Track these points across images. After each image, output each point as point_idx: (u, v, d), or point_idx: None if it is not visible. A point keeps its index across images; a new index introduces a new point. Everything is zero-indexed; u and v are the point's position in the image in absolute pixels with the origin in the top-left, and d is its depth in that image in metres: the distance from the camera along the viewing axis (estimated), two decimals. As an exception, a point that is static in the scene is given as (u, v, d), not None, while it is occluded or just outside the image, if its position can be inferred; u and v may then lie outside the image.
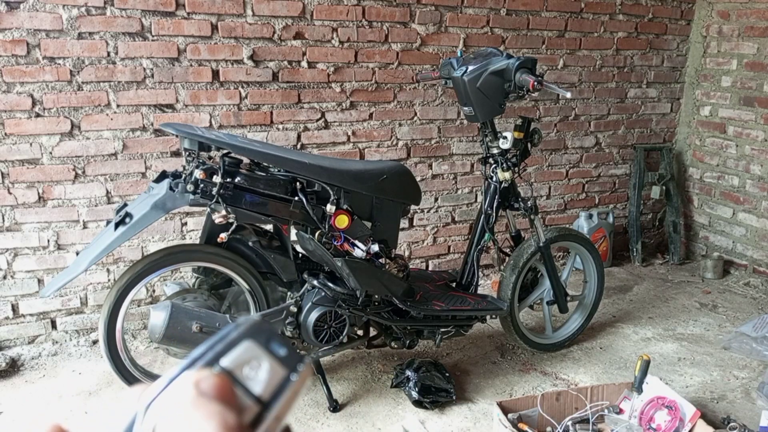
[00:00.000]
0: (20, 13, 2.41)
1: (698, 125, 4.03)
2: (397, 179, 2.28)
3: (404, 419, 2.30)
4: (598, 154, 3.88)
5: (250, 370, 0.26)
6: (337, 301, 2.21)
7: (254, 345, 0.27)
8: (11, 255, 2.61)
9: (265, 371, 0.27)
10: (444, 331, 2.47)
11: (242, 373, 0.26)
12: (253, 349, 0.27)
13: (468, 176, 3.47)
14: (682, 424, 2.13)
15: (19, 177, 2.55)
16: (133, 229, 1.95)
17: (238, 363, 0.26)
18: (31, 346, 2.71)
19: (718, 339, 3.01)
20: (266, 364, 0.27)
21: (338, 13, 2.93)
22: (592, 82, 3.70)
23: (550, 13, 3.44)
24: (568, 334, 2.87)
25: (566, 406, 2.24)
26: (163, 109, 2.72)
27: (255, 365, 0.26)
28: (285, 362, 0.27)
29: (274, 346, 0.27)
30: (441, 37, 3.20)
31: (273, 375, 0.27)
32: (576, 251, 2.88)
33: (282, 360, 0.27)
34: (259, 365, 0.27)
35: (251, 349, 0.27)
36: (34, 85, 2.49)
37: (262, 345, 0.27)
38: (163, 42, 2.65)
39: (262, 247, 2.20)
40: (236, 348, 0.27)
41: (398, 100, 3.18)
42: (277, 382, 0.27)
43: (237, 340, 0.27)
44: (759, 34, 3.61)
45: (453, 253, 3.54)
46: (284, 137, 2.96)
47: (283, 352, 0.27)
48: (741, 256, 3.84)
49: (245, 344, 0.27)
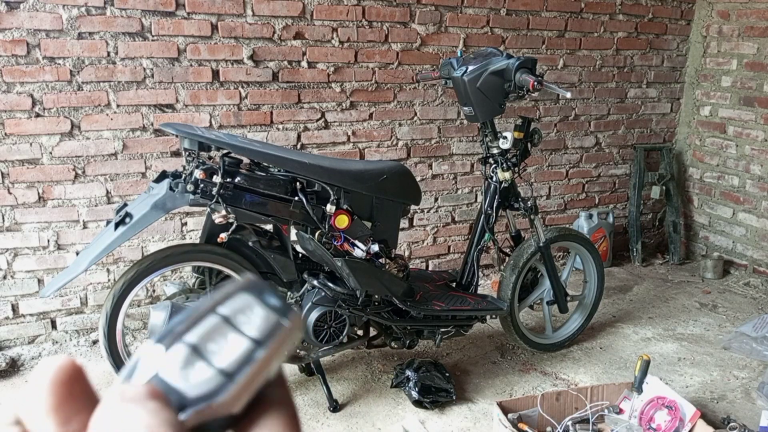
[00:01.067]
0: (20, 13, 2.41)
1: (698, 125, 4.03)
2: (397, 179, 2.28)
3: (404, 419, 2.30)
4: (598, 154, 3.88)
5: (244, 317, 0.29)
6: (337, 301, 2.21)
7: (249, 296, 0.30)
8: (11, 255, 2.61)
9: (258, 317, 0.30)
10: (444, 331, 2.47)
11: (237, 319, 0.29)
12: (247, 300, 0.30)
13: (468, 176, 3.47)
14: (682, 424, 2.13)
15: (19, 177, 2.55)
16: (133, 229, 1.95)
17: (234, 311, 0.29)
18: (31, 346, 2.71)
19: (718, 339, 3.01)
20: (259, 311, 0.30)
21: (338, 13, 2.93)
22: (592, 82, 3.70)
23: (550, 13, 3.44)
24: (568, 334, 2.87)
25: (566, 406, 2.24)
26: (163, 109, 2.72)
27: (249, 313, 0.30)
28: (277, 311, 0.30)
29: (267, 297, 0.30)
30: (441, 37, 3.20)
31: (266, 321, 0.30)
32: (576, 251, 2.88)
33: (274, 309, 0.30)
34: (253, 312, 0.30)
35: (246, 300, 0.30)
36: (34, 85, 2.49)
37: (256, 296, 0.30)
38: (163, 42, 2.65)
39: (262, 247, 2.20)
40: (232, 298, 0.30)
41: (398, 100, 3.19)
42: (269, 326, 0.30)
43: (233, 292, 0.30)
44: (759, 34, 3.61)
45: (453, 253, 3.54)
46: (284, 137, 2.96)
47: (275, 302, 0.30)
48: (741, 256, 3.84)
49: (241, 295, 0.30)
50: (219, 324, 0.29)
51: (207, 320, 0.29)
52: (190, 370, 0.28)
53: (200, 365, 0.28)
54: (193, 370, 0.28)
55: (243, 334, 0.29)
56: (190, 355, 0.28)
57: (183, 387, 0.28)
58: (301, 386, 2.48)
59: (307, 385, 2.49)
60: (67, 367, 0.28)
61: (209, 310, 0.29)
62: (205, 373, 0.28)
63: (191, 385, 0.28)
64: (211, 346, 0.28)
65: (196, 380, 0.28)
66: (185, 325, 0.29)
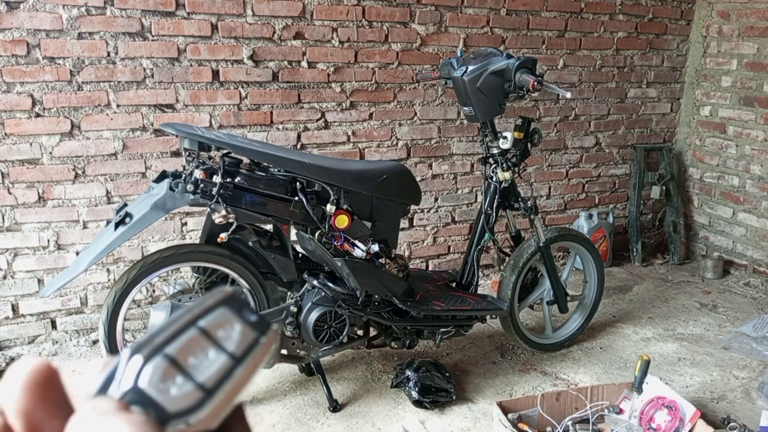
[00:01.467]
0: (20, 13, 2.41)
1: (698, 125, 4.03)
2: (397, 179, 2.28)
3: (404, 419, 2.30)
4: (598, 154, 3.88)
5: (223, 332, 0.30)
6: (337, 301, 2.21)
7: (228, 311, 0.30)
8: (11, 255, 2.61)
9: (237, 333, 0.30)
10: (444, 331, 2.47)
11: (217, 334, 0.30)
12: (227, 315, 0.30)
13: (468, 176, 3.47)
14: (682, 424, 2.13)
15: (19, 177, 2.55)
16: (133, 229, 1.95)
17: (213, 325, 0.30)
18: (31, 346, 2.71)
19: (718, 339, 3.01)
20: (238, 327, 0.30)
21: (338, 13, 2.93)
22: (592, 82, 3.70)
23: (550, 13, 3.44)
24: (568, 334, 2.87)
25: (566, 406, 2.24)
26: (163, 109, 2.72)
27: (228, 328, 0.30)
28: (255, 327, 0.31)
29: (246, 313, 0.31)
30: (441, 37, 3.20)
31: (244, 336, 0.30)
32: (576, 251, 2.88)
33: (252, 325, 0.31)
34: (232, 328, 0.30)
35: (225, 315, 0.30)
36: (34, 85, 2.49)
37: (236, 311, 0.31)
38: (163, 42, 2.65)
39: (262, 247, 2.20)
40: (212, 313, 0.30)
41: (398, 100, 3.19)
42: (248, 342, 0.30)
43: (213, 307, 0.30)
44: (759, 34, 3.61)
45: (453, 253, 3.54)
46: (284, 137, 2.96)
47: (253, 318, 0.31)
48: (741, 256, 3.84)
49: (220, 310, 0.30)
50: (198, 338, 0.29)
51: (187, 333, 0.29)
52: (170, 384, 0.28)
53: (180, 379, 0.28)
54: (173, 384, 0.28)
55: (223, 349, 0.29)
56: (169, 369, 0.28)
57: (162, 401, 0.27)
58: (301, 386, 2.48)
59: (307, 385, 2.49)
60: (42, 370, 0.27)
61: (189, 323, 0.29)
62: (185, 388, 0.28)
63: (171, 399, 0.27)
64: (191, 360, 0.28)
65: (175, 394, 0.27)
66: (165, 337, 0.28)
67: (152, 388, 0.27)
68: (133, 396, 0.27)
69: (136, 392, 0.27)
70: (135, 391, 0.27)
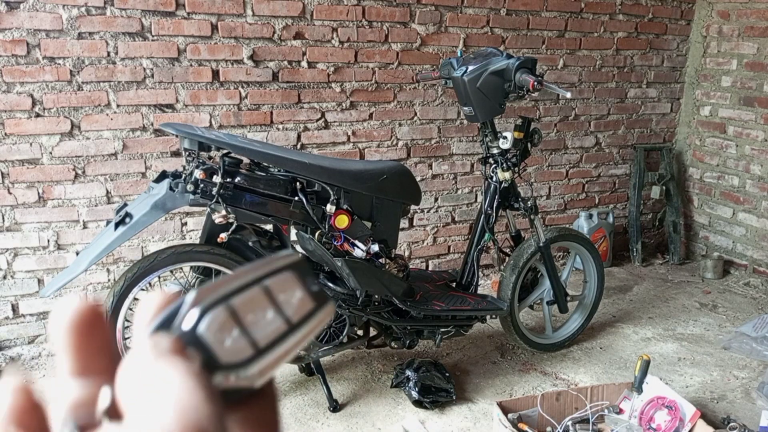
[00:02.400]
0: (20, 13, 2.42)
1: (698, 125, 4.03)
2: (397, 179, 2.28)
3: (404, 419, 2.30)
4: (598, 154, 3.88)
5: (284, 296, 0.30)
6: (337, 301, 2.22)
7: (293, 276, 0.31)
8: (11, 255, 2.61)
9: (297, 299, 0.31)
10: (444, 331, 2.47)
11: (278, 297, 0.30)
12: (291, 279, 0.31)
13: (468, 176, 3.47)
14: (682, 424, 2.13)
15: (19, 177, 2.55)
16: (133, 229, 1.95)
17: (277, 287, 0.30)
18: (31, 346, 2.71)
19: (718, 339, 3.01)
20: (299, 294, 0.31)
21: (338, 13, 2.93)
22: (592, 82, 3.70)
23: (550, 13, 3.44)
24: (568, 334, 2.87)
25: (566, 406, 2.24)
26: (163, 109, 2.72)
27: (290, 293, 0.31)
28: (315, 297, 0.31)
29: (309, 282, 0.31)
30: (441, 37, 3.20)
31: (303, 304, 0.31)
32: (576, 251, 2.88)
33: (313, 295, 0.31)
34: (294, 294, 0.31)
35: (290, 279, 0.31)
36: (34, 85, 2.49)
37: (300, 278, 0.31)
38: (163, 42, 2.65)
39: (262, 247, 2.20)
40: (279, 275, 0.31)
41: (398, 100, 3.19)
42: (305, 311, 0.31)
43: (281, 269, 0.31)
44: (759, 34, 3.61)
45: (453, 253, 3.54)
46: (284, 137, 2.96)
47: (315, 288, 0.31)
48: (741, 256, 3.84)
49: (286, 273, 0.31)
50: (261, 296, 0.30)
51: (252, 290, 0.30)
52: (226, 335, 0.28)
53: (236, 333, 0.28)
54: (229, 336, 0.28)
55: (282, 313, 0.30)
56: (228, 320, 0.28)
57: (217, 349, 0.28)
58: (301, 386, 2.48)
59: (307, 385, 2.49)
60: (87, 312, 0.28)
61: (257, 280, 0.30)
62: (240, 342, 0.28)
63: (224, 349, 0.28)
64: (250, 317, 0.29)
65: (229, 346, 0.28)
66: (231, 289, 0.29)
67: (210, 334, 0.28)
68: (190, 338, 0.28)
69: (193, 336, 0.28)
70: (192, 335, 0.28)
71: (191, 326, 0.28)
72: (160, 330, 0.28)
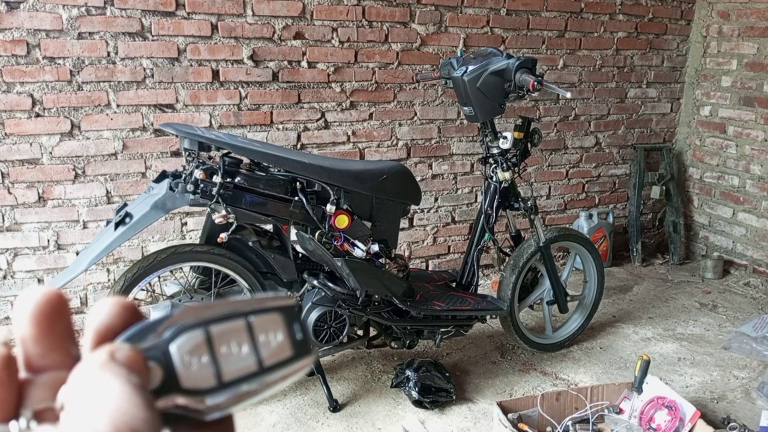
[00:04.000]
0: (20, 13, 2.41)
1: (698, 125, 4.03)
2: (397, 179, 2.28)
3: (404, 419, 2.30)
4: (598, 154, 3.88)
5: (265, 336, 0.30)
6: (337, 301, 2.21)
7: (280, 318, 0.30)
8: (11, 255, 2.61)
9: (276, 343, 0.30)
10: (444, 331, 2.47)
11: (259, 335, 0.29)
12: (277, 321, 0.30)
13: (468, 176, 3.47)
14: (682, 424, 2.13)
15: (19, 177, 2.55)
16: (133, 229, 1.95)
17: (260, 325, 0.30)
18: (31, 346, 2.71)
19: (718, 339, 3.01)
20: (281, 338, 0.30)
21: (338, 13, 2.93)
22: (592, 82, 3.70)
23: (550, 13, 3.44)
24: (568, 334, 2.87)
25: (566, 406, 2.24)
26: (163, 109, 2.72)
27: (272, 334, 0.30)
28: (296, 345, 0.30)
29: (295, 328, 0.30)
30: (441, 37, 3.20)
31: (281, 350, 0.30)
32: (576, 251, 2.88)
33: (294, 342, 0.30)
34: (275, 337, 0.30)
35: (276, 320, 0.30)
36: (34, 85, 2.49)
37: (286, 321, 0.30)
38: (163, 42, 2.65)
39: (262, 247, 2.20)
40: (266, 314, 0.30)
41: (398, 100, 3.19)
42: (281, 357, 0.30)
43: (270, 309, 0.30)
44: (759, 34, 3.61)
45: (453, 253, 3.54)
46: (284, 137, 2.96)
47: (299, 336, 0.30)
48: (741, 256, 3.84)
49: (274, 315, 0.30)
50: (242, 330, 0.29)
51: (235, 321, 0.29)
52: (195, 360, 0.28)
53: (206, 360, 0.28)
54: (198, 361, 0.28)
55: (257, 352, 0.29)
56: (202, 345, 0.28)
57: (181, 371, 0.27)
58: (301, 386, 2.48)
59: (307, 385, 2.49)
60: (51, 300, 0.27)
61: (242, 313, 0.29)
62: (206, 370, 0.28)
63: (189, 373, 0.27)
64: (224, 349, 0.28)
65: (195, 371, 0.28)
66: (214, 314, 0.29)
67: (180, 355, 0.28)
68: (158, 353, 0.27)
69: (163, 351, 0.27)
70: (163, 350, 0.27)
71: (164, 341, 0.27)
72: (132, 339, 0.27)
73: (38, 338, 0.27)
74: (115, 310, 0.28)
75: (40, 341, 0.27)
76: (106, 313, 0.28)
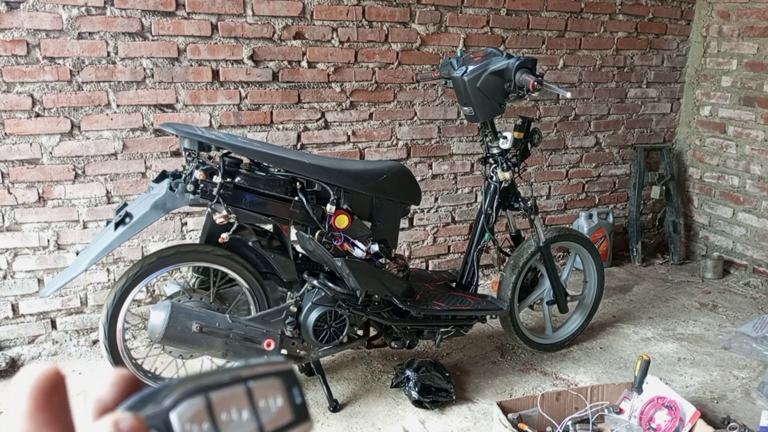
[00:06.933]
0: (20, 13, 2.41)
1: (698, 125, 4.03)
2: (397, 179, 2.28)
3: (404, 419, 2.30)
4: (598, 154, 3.88)
5: (265, 402, 0.30)
6: (337, 301, 2.21)
7: (279, 383, 0.31)
8: (11, 255, 2.61)
9: (276, 408, 0.30)
10: (444, 331, 2.47)
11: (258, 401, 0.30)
12: (276, 387, 0.31)
13: (468, 176, 3.47)
14: (682, 424, 2.13)
15: (19, 177, 2.55)
16: (133, 229, 1.95)
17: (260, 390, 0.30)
18: (31, 346, 2.71)
19: (718, 339, 3.01)
20: (280, 403, 0.30)
21: (338, 13, 2.93)
22: (592, 82, 3.70)
23: (550, 13, 3.44)
24: (568, 334, 2.87)
25: (566, 406, 2.25)
26: (163, 109, 2.72)
27: (271, 400, 0.30)
28: (295, 410, 0.31)
29: (294, 393, 0.31)
30: (441, 37, 3.20)
31: (281, 415, 0.30)
32: (576, 251, 2.88)
33: (294, 407, 0.31)
34: (275, 402, 0.30)
35: (275, 385, 0.31)
36: (34, 85, 2.49)
37: (286, 386, 0.31)
38: (163, 42, 2.65)
39: (262, 247, 2.20)
40: (265, 379, 0.30)
41: (398, 100, 3.19)
42: (281, 422, 0.30)
43: (269, 374, 0.31)
44: (759, 34, 3.61)
45: (453, 253, 3.54)
46: (284, 137, 2.96)
47: (298, 401, 0.31)
48: (741, 256, 3.84)
49: (273, 380, 0.31)
50: (242, 396, 0.29)
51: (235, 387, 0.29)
52: (196, 427, 0.28)
53: (206, 427, 0.28)
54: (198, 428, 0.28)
55: (257, 418, 0.29)
56: (203, 412, 0.28)
57: None
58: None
59: (307, 385, 2.49)
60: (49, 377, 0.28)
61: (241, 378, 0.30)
62: None
63: None
64: (225, 415, 0.29)
65: None
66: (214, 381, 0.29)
67: (180, 423, 0.28)
68: (159, 421, 0.28)
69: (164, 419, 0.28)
70: (164, 418, 0.28)
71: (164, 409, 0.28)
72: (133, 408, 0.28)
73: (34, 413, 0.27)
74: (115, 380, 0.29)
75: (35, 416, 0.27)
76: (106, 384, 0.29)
